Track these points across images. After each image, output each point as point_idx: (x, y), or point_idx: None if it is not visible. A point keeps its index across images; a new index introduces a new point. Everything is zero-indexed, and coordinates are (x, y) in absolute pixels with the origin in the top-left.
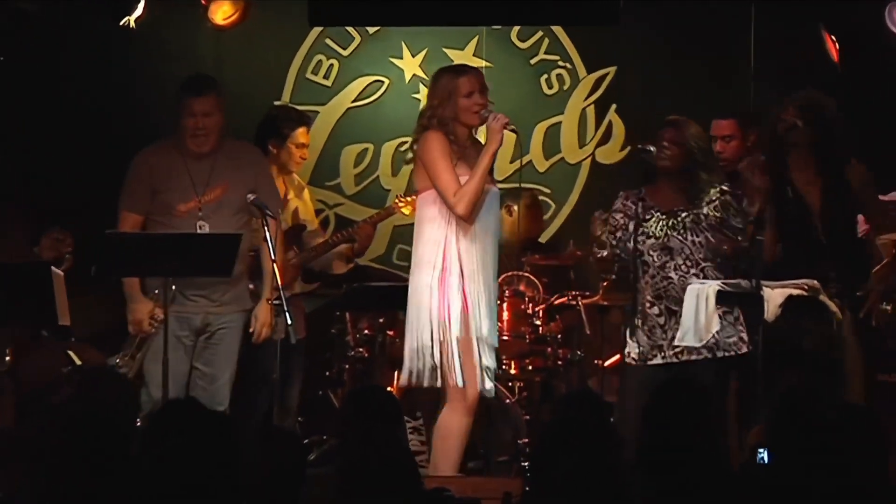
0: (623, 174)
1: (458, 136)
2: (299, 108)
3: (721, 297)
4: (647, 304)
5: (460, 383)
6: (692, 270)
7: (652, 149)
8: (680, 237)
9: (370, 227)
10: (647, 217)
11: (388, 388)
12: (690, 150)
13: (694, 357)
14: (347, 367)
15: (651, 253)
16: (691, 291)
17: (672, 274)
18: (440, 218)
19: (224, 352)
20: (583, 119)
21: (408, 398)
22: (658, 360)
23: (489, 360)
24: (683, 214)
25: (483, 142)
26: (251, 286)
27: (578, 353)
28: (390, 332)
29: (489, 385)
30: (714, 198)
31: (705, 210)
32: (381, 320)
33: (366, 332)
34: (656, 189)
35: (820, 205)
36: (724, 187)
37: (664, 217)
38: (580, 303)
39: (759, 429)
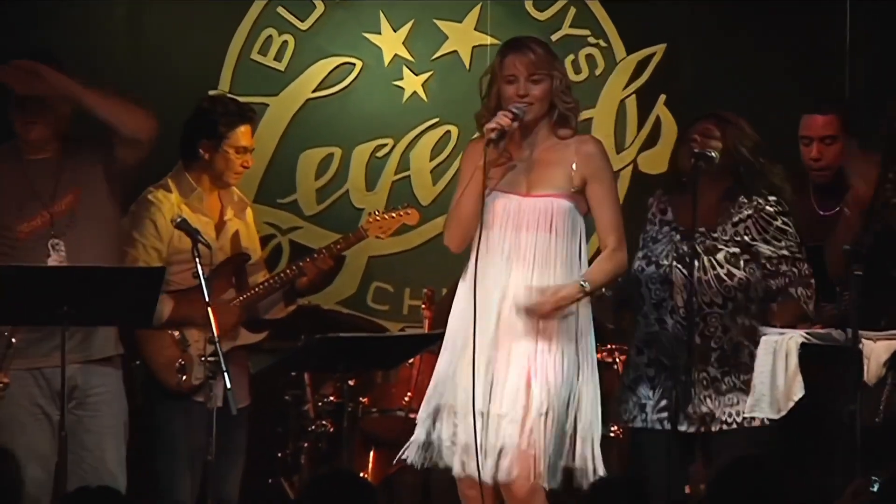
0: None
1: (512, 137)
2: (241, 99)
3: (806, 353)
4: (634, 350)
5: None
6: (691, 318)
7: (714, 154)
8: (685, 270)
9: (329, 260)
10: (659, 235)
11: (362, 475)
12: (731, 152)
13: (683, 427)
14: (306, 445)
15: (649, 285)
16: (766, 345)
17: (667, 318)
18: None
19: (106, 423)
20: (621, 114)
21: (391, 488)
22: (637, 423)
23: (464, 435)
24: (699, 237)
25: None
26: (175, 333)
27: (614, 426)
28: (364, 400)
29: (456, 467)
30: (751, 211)
31: (730, 233)
32: (350, 383)
33: (331, 399)
34: (683, 199)
35: None
36: (772, 199)
37: (678, 237)
38: (619, 359)
39: None
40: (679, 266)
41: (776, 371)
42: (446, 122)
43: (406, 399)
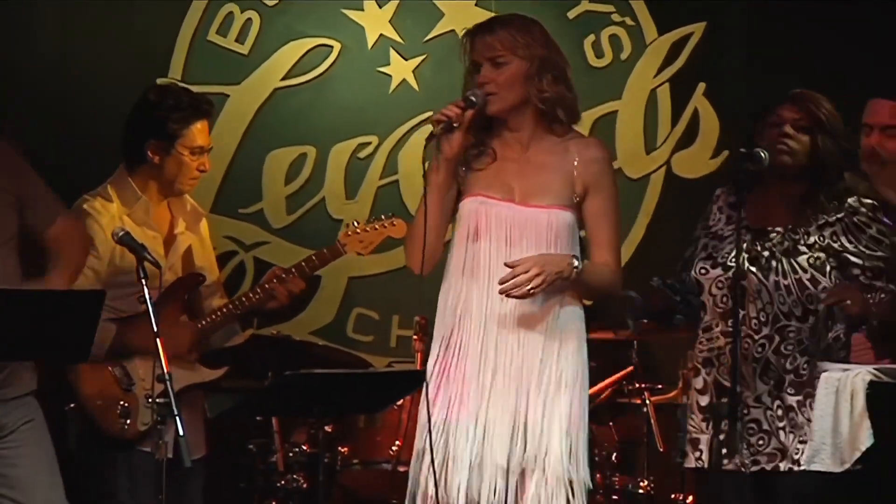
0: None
1: (517, 130)
2: (196, 89)
3: (876, 394)
4: (692, 372)
5: None
6: (764, 330)
7: (763, 154)
8: (760, 274)
9: (300, 281)
10: (726, 234)
11: None
12: (823, 138)
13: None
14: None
15: (714, 291)
16: (827, 384)
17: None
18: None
19: (37, 459)
20: (652, 107)
21: None
22: (690, 462)
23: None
24: (777, 239)
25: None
26: (116, 370)
27: (643, 482)
28: (343, 450)
29: None
30: (841, 214)
31: (814, 236)
32: (327, 430)
33: (304, 448)
34: (755, 197)
35: None
36: (867, 201)
37: (748, 238)
38: (649, 400)
39: None
40: (753, 269)
41: (839, 415)
42: None
43: (394, 449)
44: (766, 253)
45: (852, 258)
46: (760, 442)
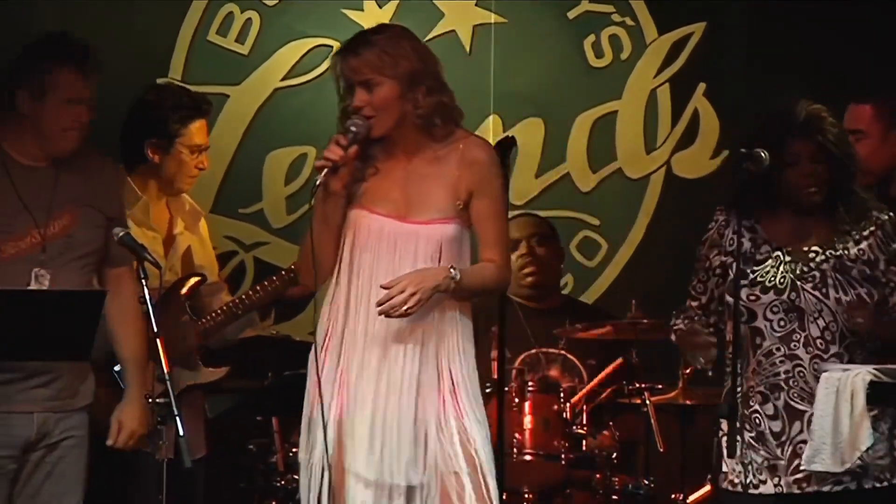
0: (717, 195)
1: (396, 143)
2: (196, 89)
3: (876, 394)
4: (758, 399)
5: None
6: (832, 349)
7: (763, 154)
8: (817, 293)
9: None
10: (760, 256)
11: None
12: (837, 165)
13: (828, 487)
14: None
15: (769, 316)
16: (827, 384)
17: (801, 352)
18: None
19: (69, 477)
20: (652, 107)
21: None
22: (769, 489)
23: None
24: (820, 257)
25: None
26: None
27: (645, 481)
28: None
29: None
30: (872, 228)
31: (853, 249)
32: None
33: None
34: (769, 217)
35: None
36: (889, 213)
37: (789, 258)
38: (648, 401)
39: None
40: (807, 288)
41: (839, 414)
42: None
43: None
44: (816, 273)
45: (879, 273)
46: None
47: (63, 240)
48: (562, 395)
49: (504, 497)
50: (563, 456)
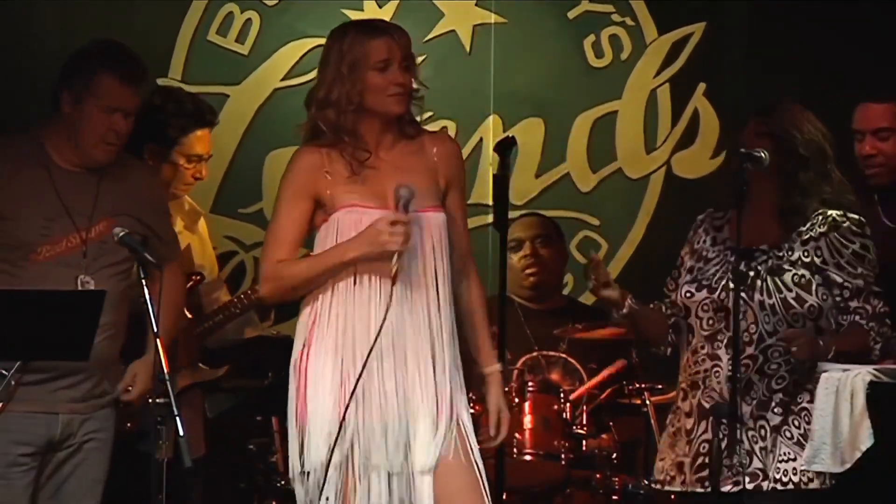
0: (716, 195)
1: (363, 138)
2: (196, 89)
3: (876, 394)
4: (680, 396)
5: None
6: (748, 350)
7: (763, 154)
8: (744, 294)
9: None
10: (712, 255)
11: None
12: (788, 148)
13: (727, 487)
14: None
15: (700, 314)
16: (828, 384)
17: (722, 352)
18: None
19: (89, 479)
20: (652, 107)
21: None
22: (676, 486)
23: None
24: (762, 258)
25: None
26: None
27: (645, 481)
28: None
29: None
30: (824, 229)
31: (798, 252)
32: None
33: None
34: (746, 213)
35: None
36: (852, 216)
37: (733, 258)
38: (648, 401)
39: None
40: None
41: (839, 415)
42: (442, 116)
43: None
44: (752, 273)
45: (833, 275)
46: (743, 461)
47: (97, 245)
48: (562, 394)
49: (504, 497)
50: (563, 456)
